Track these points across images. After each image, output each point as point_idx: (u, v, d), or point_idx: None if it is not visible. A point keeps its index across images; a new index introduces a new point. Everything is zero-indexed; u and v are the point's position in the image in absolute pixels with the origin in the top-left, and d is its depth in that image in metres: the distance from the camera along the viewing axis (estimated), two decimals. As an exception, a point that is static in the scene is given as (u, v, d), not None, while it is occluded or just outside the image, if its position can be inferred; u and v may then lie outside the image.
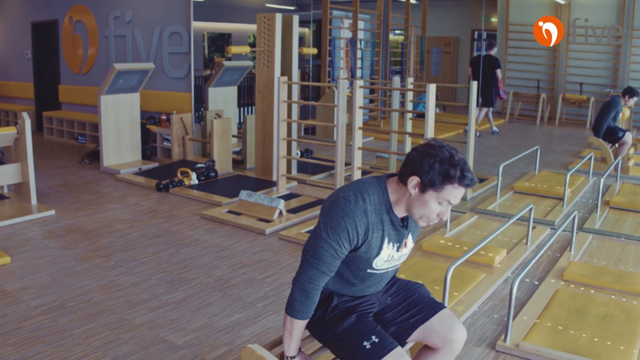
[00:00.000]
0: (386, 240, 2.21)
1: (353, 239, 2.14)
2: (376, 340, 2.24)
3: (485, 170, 7.75)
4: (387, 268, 2.30)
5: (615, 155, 7.68)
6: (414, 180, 2.11)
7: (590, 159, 6.95)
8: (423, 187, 2.11)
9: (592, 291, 4.08)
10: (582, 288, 4.13)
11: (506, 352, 3.37)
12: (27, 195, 5.99)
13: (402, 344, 2.45)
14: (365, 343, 2.23)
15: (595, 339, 3.38)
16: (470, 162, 6.38)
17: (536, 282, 4.29)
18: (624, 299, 3.93)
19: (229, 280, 4.29)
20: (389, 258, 2.25)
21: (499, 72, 9.89)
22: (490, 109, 10.37)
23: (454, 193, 2.10)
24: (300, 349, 2.34)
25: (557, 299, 3.89)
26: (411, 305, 2.44)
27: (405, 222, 2.26)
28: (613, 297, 3.97)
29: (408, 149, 7.13)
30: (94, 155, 8.18)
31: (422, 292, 2.51)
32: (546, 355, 3.26)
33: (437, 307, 2.43)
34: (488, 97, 10.03)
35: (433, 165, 2.08)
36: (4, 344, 3.36)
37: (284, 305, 3.73)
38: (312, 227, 5.33)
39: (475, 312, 3.88)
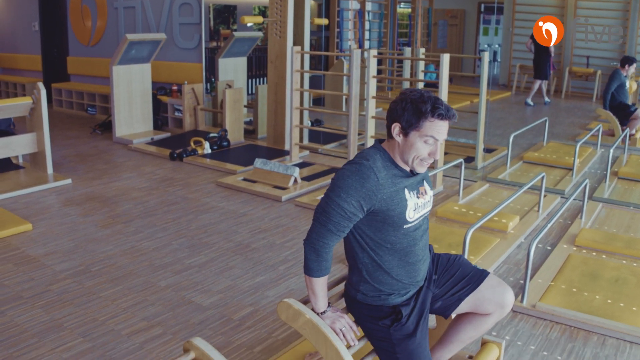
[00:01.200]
0: (406, 191, 2.27)
1: (363, 198, 2.18)
2: None
3: (494, 141, 7.80)
4: (419, 218, 2.34)
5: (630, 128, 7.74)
6: (396, 128, 2.22)
7: (598, 130, 7.00)
8: (404, 131, 2.20)
9: (604, 256, 4.14)
10: (594, 253, 4.19)
11: (523, 312, 3.45)
12: (43, 165, 6.04)
13: (447, 316, 2.52)
14: None
15: (609, 301, 3.46)
16: (481, 133, 6.43)
17: (549, 248, 4.36)
18: (634, 264, 4.01)
19: (249, 245, 4.36)
20: (415, 207, 2.29)
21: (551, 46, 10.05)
22: (545, 81, 10.50)
23: (434, 128, 2.17)
24: (329, 303, 2.39)
25: (570, 263, 3.96)
26: (457, 279, 2.48)
27: (413, 172, 2.33)
28: (624, 262, 4.04)
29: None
30: (105, 126, 8.22)
31: (464, 263, 2.55)
32: (562, 315, 3.34)
33: (482, 275, 2.49)
34: (542, 69, 10.20)
35: (406, 107, 2.19)
36: (33, 306, 3.44)
37: (304, 268, 3.82)
38: (327, 194, 5.40)
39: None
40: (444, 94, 5.57)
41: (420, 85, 7.06)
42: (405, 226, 2.28)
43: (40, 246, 4.30)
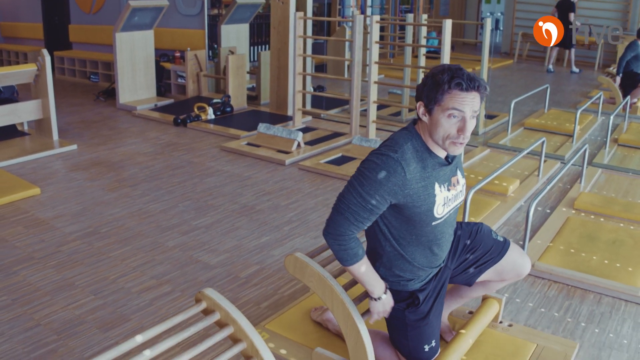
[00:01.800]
0: (437, 185, 2.16)
1: (388, 193, 2.08)
2: (433, 344, 2.38)
3: (495, 107, 7.84)
4: (449, 212, 2.26)
5: (633, 96, 7.76)
6: (420, 107, 2.11)
7: (599, 98, 7.04)
8: (428, 108, 2.08)
9: (602, 219, 4.21)
10: (592, 216, 4.26)
11: (522, 271, 3.53)
12: (48, 131, 6.09)
13: (471, 284, 2.58)
14: (425, 346, 2.36)
15: (606, 261, 3.54)
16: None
17: (548, 211, 4.43)
18: (632, 227, 4.07)
19: (254, 207, 4.44)
20: (445, 201, 2.20)
21: (572, 15, 10.14)
22: (572, 50, 10.61)
23: (456, 99, 2.02)
24: (387, 287, 2.33)
25: (569, 226, 4.04)
26: (479, 255, 2.49)
27: (448, 159, 2.22)
28: (622, 225, 4.11)
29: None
30: (109, 93, 8.25)
31: (486, 234, 2.53)
32: (560, 274, 3.43)
33: (504, 248, 2.50)
34: (565, 38, 10.29)
35: (426, 82, 2.08)
36: (45, 266, 3.53)
37: (309, 228, 3.95)
38: (331, 158, 5.47)
39: (492, 236, 4.03)
40: (445, 60, 5.59)
41: (422, 51, 7.06)
42: (433, 223, 2.21)
43: (48, 209, 4.37)
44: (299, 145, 5.70)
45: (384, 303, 2.31)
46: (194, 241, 3.87)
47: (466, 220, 3.52)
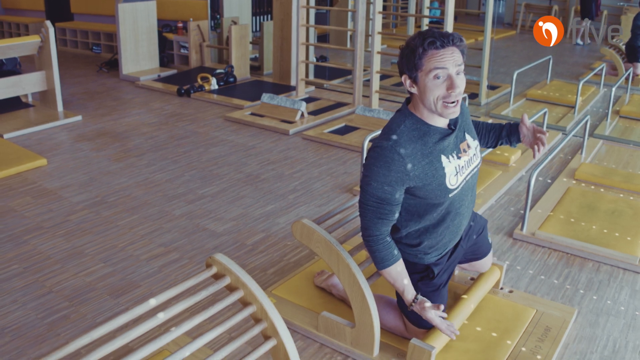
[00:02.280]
0: (443, 157, 2.15)
1: (395, 181, 2.09)
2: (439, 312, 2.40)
3: (498, 78, 7.85)
4: (465, 180, 2.26)
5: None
6: (406, 81, 2.09)
7: (601, 70, 7.03)
8: (411, 77, 2.06)
9: (602, 190, 4.26)
10: (593, 187, 4.31)
11: (523, 239, 3.59)
12: (53, 102, 6.11)
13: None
14: None
15: (605, 230, 3.59)
16: (485, 70, 6.49)
17: (549, 181, 4.48)
18: (631, 198, 4.12)
19: (258, 176, 4.50)
20: (457, 170, 2.19)
21: None
22: (590, 20, 10.62)
23: (434, 59, 1.99)
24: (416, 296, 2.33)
25: (569, 196, 4.08)
26: (474, 249, 2.68)
27: (451, 126, 2.20)
28: (621, 195, 4.16)
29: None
30: (112, 64, 8.26)
31: (485, 233, 2.71)
32: (560, 243, 3.48)
33: (489, 248, 2.75)
34: (587, 7, 10.25)
35: (403, 54, 2.05)
36: (54, 235, 3.59)
37: (314, 197, 4.01)
38: (334, 128, 5.51)
39: (493, 204, 4.09)
40: (449, 29, 5.59)
41: (425, 22, 7.05)
42: (450, 195, 2.20)
43: (55, 180, 4.42)
44: (302, 115, 5.73)
45: (427, 302, 2.30)
46: (200, 210, 3.93)
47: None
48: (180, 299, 2.01)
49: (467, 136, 2.29)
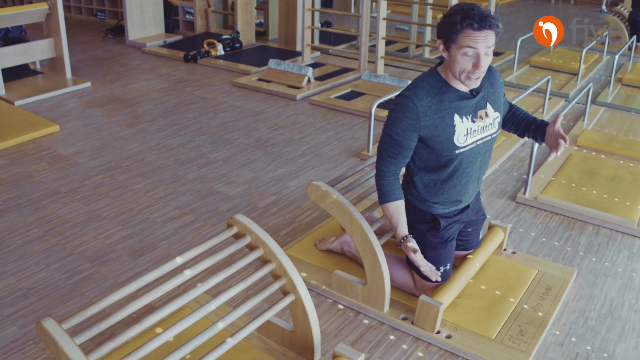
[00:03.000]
0: (456, 116, 2.32)
1: (408, 127, 2.30)
2: (447, 267, 2.62)
3: (501, 44, 7.85)
4: (475, 143, 2.41)
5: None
6: (440, 45, 2.27)
7: (605, 37, 7.07)
8: (446, 46, 2.23)
9: (603, 156, 4.36)
10: (594, 153, 4.41)
11: (525, 203, 3.71)
12: (61, 69, 6.17)
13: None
14: (440, 267, 2.59)
15: (605, 195, 3.70)
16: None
17: (552, 145, 4.57)
18: (631, 164, 4.22)
19: (268, 140, 4.60)
20: (468, 132, 2.35)
21: None
22: None
23: (469, 38, 2.15)
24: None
25: (571, 161, 4.19)
26: (467, 237, 2.80)
27: (473, 92, 2.36)
28: (622, 162, 4.26)
29: (429, 20, 7.22)
30: (117, 30, 8.28)
31: (478, 230, 2.84)
32: (561, 207, 3.60)
33: (475, 246, 2.86)
34: None
35: (444, 22, 2.21)
36: (72, 199, 3.71)
37: (322, 161, 4.13)
38: (341, 93, 5.60)
39: (497, 170, 4.19)
40: (454, -7, 5.63)
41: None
42: (457, 151, 2.37)
43: (69, 146, 4.52)
44: (309, 80, 5.80)
45: (412, 242, 2.43)
46: (213, 173, 4.04)
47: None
48: (204, 258, 2.12)
49: (489, 106, 2.44)
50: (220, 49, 6.99)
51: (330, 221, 3.33)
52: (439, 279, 2.51)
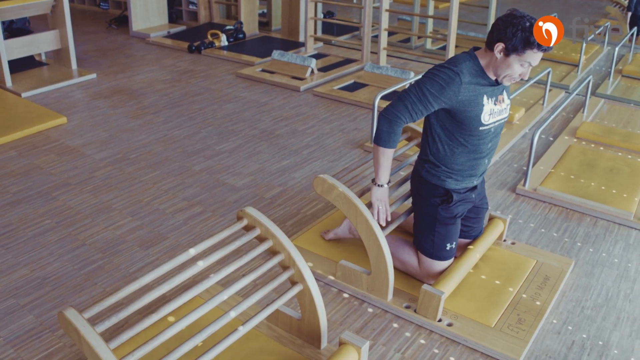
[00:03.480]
0: (485, 97, 2.53)
1: (445, 96, 2.46)
2: (453, 246, 2.75)
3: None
4: (494, 123, 2.62)
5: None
6: (499, 46, 2.43)
7: (606, 28, 7.11)
8: (507, 52, 2.42)
9: (602, 148, 4.44)
10: (593, 145, 4.49)
11: (525, 194, 3.80)
12: (67, 61, 6.23)
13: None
14: (447, 244, 2.72)
15: (603, 187, 3.79)
16: (491, 24, 6.56)
17: (551, 139, 4.66)
18: (629, 156, 4.30)
19: (273, 132, 4.68)
20: (491, 112, 2.57)
21: None
22: None
23: (534, 56, 2.42)
24: (389, 181, 2.71)
25: (570, 153, 4.27)
26: (470, 225, 2.93)
27: (497, 81, 2.58)
28: (620, 154, 4.34)
29: (431, 11, 7.28)
30: (121, 21, 8.34)
31: (482, 218, 2.98)
32: (560, 198, 3.69)
33: (477, 234, 2.99)
34: None
35: (516, 33, 2.38)
36: (82, 191, 3.79)
37: (327, 152, 4.21)
38: (344, 84, 5.67)
39: (497, 161, 4.28)
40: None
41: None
42: (480, 128, 2.57)
43: (77, 137, 4.60)
44: (312, 71, 5.88)
45: (383, 192, 2.66)
46: (219, 165, 4.12)
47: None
48: (216, 249, 2.21)
49: (505, 93, 2.67)
50: (224, 40, 7.06)
51: (334, 212, 3.42)
52: (382, 223, 2.68)
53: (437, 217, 2.69)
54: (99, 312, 2.13)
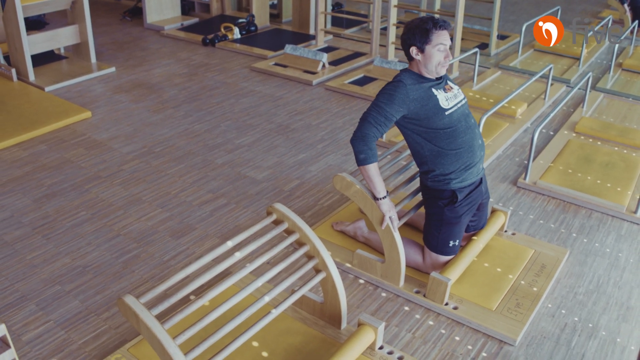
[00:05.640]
0: (433, 89, 2.86)
1: (397, 103, 2.78)
2: (456, 243, 3.01)
3: (507, 27, 8.15)
4: (456, 105, 2.90)
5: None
6: (413, 50, 2.84)
7: (608, 21, 7.28)
8: (421, 48, 2.82)
9: (599, 143, 4.67)
10: (591, 140, 4.72)
11: (525, 188, 4.06)
12: (86, 55, 6.45)
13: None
14: (450, 242, 2.98)
15: (598, 181, 4.04)
16: (496, 19, 6.80)
17: (551, 133, 4.91)
18: (625, 151, 4.53)
19: (288, 126, 4.96)
20: (447, 98, 2.88)
21: None
22: None
23: (440, 36, 2.80)
24: (388, 192, 2.92)
25: (569, 148, 4.52)
26: (477, 216, 3.19)
27: (439, 78, 2.93)
28: (616, 148, 4.57)
29: (438, 6, 7.50)
30: (134, 12, 8.53)
31: (486, 209, 3.23)
32: (558, 192, 3.95)
33: (483, 225, 3.26)
34: None
35: (414, 32, 2.82)
36: (112, 184, 4.07)
37: (341, 146, 4.47)
38: (354, 78, 5.92)
39: (500, 155, 4.54)
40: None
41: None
42: (446, 113, 2.85)
43: (102, 131, 4.86)
44: (323, 66, 6.13)
45: (388, 202, 2.87)
46: (240, 158, 4.40)
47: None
48: (249, 242, 2.50)
49: (449, 82, 3.00)
50: (236, 33, 7.29)
51: (349, 204, 3.70)
52: (394, 229, 2.90)
53: (442, 218, 2.96)
54: (152, 298, 2.42)
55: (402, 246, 2.91)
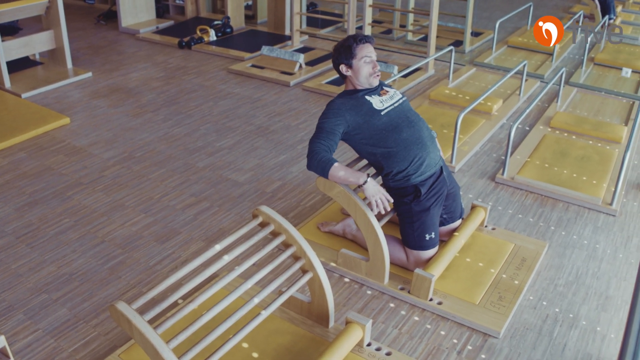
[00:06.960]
0: (367, 97, 3.06)
1: (334, 116, 2.97)
2: (433, 236, 3.07)
3: (481, 24, 8.26)
4: (391, 105, 3.07)
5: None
6: (343, 67, 3.08)
7: (579, 16, 7.42)
8: (349, 64, 3.05)
9: (574, 137, 4.77)
10: (566, 134, 4.82)
11: (503, 183, 4.15)
12: (62, 60, 6.41)
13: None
14: (426, 235, 3.05)
15: (574, 175, 4.14)
16: (469, 16, 6.90)
17: (527, 128, 5.00)
18: (599, 144, 4.64)
19: (267, 127, 4.99)
20: (381, 101, 3.06)
21: None
22: None
23: (364, 50, 3.04)
24: (368, 174, 2.92)
25: (545, 143, 4.61)
26: (449, 208, 3.25)
27: (372, 88, 3.13)
28: (591, 142, 4.68)
29: (412, 4, 7.56)
30: (109, 16, 8.48)
31: (457, 195, 3.32)
32: (535, 186, 4.04)
33: (459, 215, 3.34)
34: None
35: (340, 51, 3.07)
36: (94, 190, 4.06)
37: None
38: (331, 78, 5.97)
39: (478, 151, 4.62)
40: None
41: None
42: (382, 112, 3.01)
43: (82, 137, 4.84)
44: (300, 66, 6.17)
45: (374, 184, 2.90)
46: (221, 161, 4.43)
47: (457, 138, 4.11)
48: (237, 245, 2.54)
49: (384, 87, 3.18)
50: (212, 35, 7.30)
51: (332, 204, 3.75)
52: (383, 211, 2.94)
53: (412, 214, 3.04)
54: (144, 304, 2.44)
55: (386, 244, 2.96)
